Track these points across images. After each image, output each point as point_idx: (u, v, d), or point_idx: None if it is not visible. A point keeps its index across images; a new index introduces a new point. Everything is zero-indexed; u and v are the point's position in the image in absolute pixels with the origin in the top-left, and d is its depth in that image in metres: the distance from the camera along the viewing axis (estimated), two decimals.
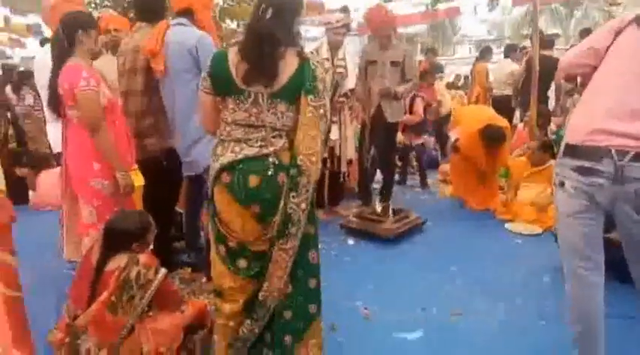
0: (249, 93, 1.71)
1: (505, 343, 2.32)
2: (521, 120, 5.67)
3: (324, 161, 3.89)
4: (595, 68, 1.85)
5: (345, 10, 6.75)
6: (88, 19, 2.47)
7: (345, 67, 3.95)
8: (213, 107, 1.82)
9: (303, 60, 1.70)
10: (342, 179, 4.12)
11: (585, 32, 5.75)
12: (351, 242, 3.72)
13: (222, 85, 1.77)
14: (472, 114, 4.63)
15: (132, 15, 6.35)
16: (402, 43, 4.61)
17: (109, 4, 7.56)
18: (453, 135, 4.54)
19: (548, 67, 5.27)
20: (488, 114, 4.54)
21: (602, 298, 1.85)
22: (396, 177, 5.17)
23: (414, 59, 4.55)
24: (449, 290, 2.86)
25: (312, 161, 1.68)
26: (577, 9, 19.91)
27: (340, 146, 4.09)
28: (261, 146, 1.72)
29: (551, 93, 5.63)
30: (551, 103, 5.69)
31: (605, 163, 1.69)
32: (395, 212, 3.87)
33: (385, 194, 4.46)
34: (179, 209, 3.17)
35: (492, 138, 4.16)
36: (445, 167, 5.38)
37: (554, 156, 4.26)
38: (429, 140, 6.40)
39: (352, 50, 4.23)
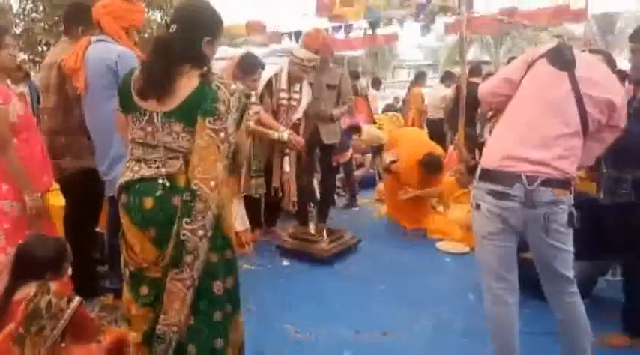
0: (145, 111, 1.66)
1: None
2: (451, 143, 5.93)
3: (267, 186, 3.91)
4: (510, 97, 1.98)
5: (298, 34, 6.82)
6: None
7: (298, 100, 3.96)
8: (127, 124, 1.76)
9: (205, 80, 1.64)
10: (274, 195, 4.08)
11: (512, 60, 6.16)
12: (285, 262, 3.70)
13: (124, 100, 1.73)
14: (410, 142, 4.73)
15: (62, 28, 6.13)
16: (339, 67, 4.72)
17: (38, 16, 7.23)
18: (387, 157, 4.66)
19: (475, 93, 5.58)
20: (425, 142, 4.72)
21: (517, 316, 1.95)
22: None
23: (350, 82, 4.66)
24: (379, 309, 2.90)
25: (210, 187, 1.58)
26: (505, 39, 21.33)
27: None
28: (157, 167, 1.66)
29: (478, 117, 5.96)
30: (478, 128, 6.01)
31: (516, 188, 1.79)
32: (330, 232, 3.91)
33: (321, 214, 4.49)
34: (101, 230, 3.03)
35: (431, 168, 4.34)
36: (381, 186, 5.51)
37: None
38: (366, 157, 6.55)
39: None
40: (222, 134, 1.59)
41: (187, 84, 1.63)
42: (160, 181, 1.64)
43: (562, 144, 1.81)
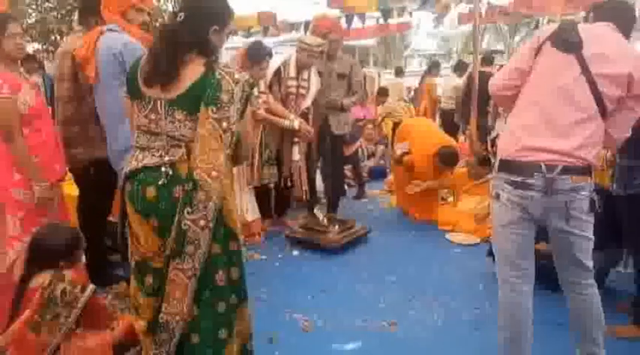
0: (149, 98, 1.67)
1: (441, 351, 2.39)
2: (463, 133, 5.89)
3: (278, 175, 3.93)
4: (522, 86, 1.94)
5: (309, 25, 6.79)
6: None
7: (307, 88, 3.93)
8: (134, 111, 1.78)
9: (209, 69, 1.63)
10: (285, 186, 4.09)
11: None
12: (295, 252, 3.72)
13: (131, 87, 1.75)
14: (422, 133, 4.66)
15: (75, 17, 6.16)
16: (350, 57, 4.69)
17: (51, 5, 7.28)
18: (399, 149, 4.63)
19: (487, 83, 5.52)
20: (437, 134, 4.68)
21: (531, 306, 1.96)
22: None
23: (361, 72, 4.63)
24: (388, 299, 2.92)
25: (212, 176, 1.57)
26: (520, 29, 20.97)
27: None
28: (161, 155, 1.67)
29: (491, 108, 5.90)
30: (490, 119, 5.96)
31: (536, 177, 1.80)
32: (340, 222, 3.92)
33: (331, 205, 4.50)
34: (114, 219, 3.07)
35: (448, 161, 4.28)
36: (392, 178, 5.50)
37: (492, 169, 4.46)
38: (379, 148, 6.55)
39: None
40: (224, 123, 1.59)
41: (192, 72, 1.63)
42: (163, 169, 1.64)
43: (580, 133, 1.79)
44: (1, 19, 2.30)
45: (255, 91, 3.57)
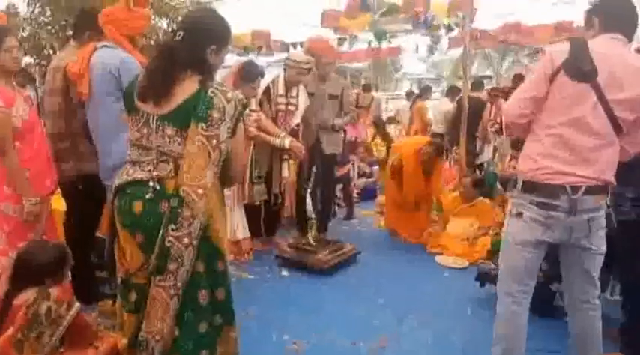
0: (143, 112, 1.68)
1: None
2: (446, 158, 5.93)
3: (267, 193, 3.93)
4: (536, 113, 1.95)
5: (302, 46, 6.89)
6: None
7: (295, 105, 3.98)
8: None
9: (203, 86, 1.63)
10: (274, 204, 4.08)
11: (518, 78, 6.25)
12: (285, 273, 3.69)
13: (127, 101, 1.76)
14: (410, 139, 4.95)
15: (69, 33, 6.17)
16: (341, 78, 4.76)
17: (45, 20, 7.28)
18: (393, 157, 4.67)
19: (476, 108, 5.64)
20: (424, 138, 4.83)
21: (526, 321, 2.05)
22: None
23: (352, 93, 4.70)
24: (377, 321, 2.90)
25: (197, 194, 1.57)
26: (508, 54, 21.43)
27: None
28: (150, 170, 1.67)
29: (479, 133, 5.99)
30: (479, 144, 6.06)
31: (562, 199, 1.87)
32: (329, 243, 3.91)
33: (321, 225, 4.49)
34: (102, 235, 3.03)
35: (435, 151, 4.37)
36: (382, 199, 5.52)
37: (482, 193, 4.51)
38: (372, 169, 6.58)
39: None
40: (214, 141, 1.59)
41: (186, 89, 1.64)
42: (151, 184, 1.64)
43: (599, 158, 1.87)
44: None
45: (247, 110, 3.60)
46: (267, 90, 3.91)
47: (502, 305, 2.07)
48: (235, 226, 3.78)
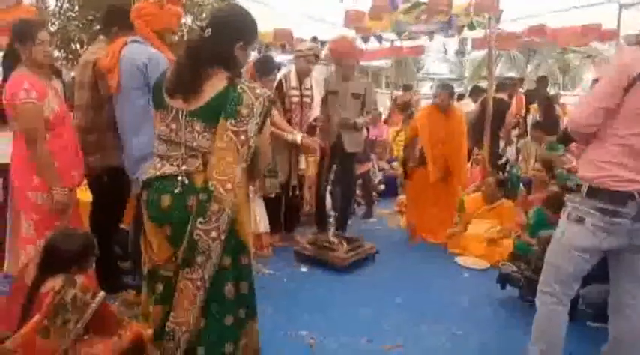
0: (172, 108, 1.70)
1: None
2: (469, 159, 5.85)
3: (285, 187, 3.95)
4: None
5: (314, 39, 6.93)
6: (24, 30, 2.35)
7: (311, 97, 4.00)
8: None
9: (231, 83, 1.65)
10: (293, 198, 4.08)
11: (542, 80, 6.06)
12: (303, 269, 3.70)
13: (155, 96, 1.78)
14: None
15: (97, 28, 6.29)
16: (363, 77, 4.75)
17: (73, 15, 7.43)
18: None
19: (501, 109, 5.57)
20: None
21: (567, 321, 2.07)
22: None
23: (375, 92, 4.68)
24: (395, 320, 2.88)
25: (226, 188, 1.60)
26: (533, 56, 21.06)
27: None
28: (178, 165, 1.69)
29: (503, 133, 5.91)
30: (501, 145, 5.98)
31: (629, 206, 1.86)
32: (348, 241, 3.90)
33: (340, 223, 4.48)
34: (125, 227, 3.09)
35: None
36: (402, 198, 5.49)
37: (505, 194, 4.45)
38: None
39: (319, 77, 4.28)
40: (242, 137, 1.62)
41: (214, 85, 1.66)
42: (180, 178, 1.67)
43: None
44: (33, 27, 2.36)
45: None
46: (279, 86, 3.95)
47: (542, 304, 2.09)
48: (256, 219, 3.80)
